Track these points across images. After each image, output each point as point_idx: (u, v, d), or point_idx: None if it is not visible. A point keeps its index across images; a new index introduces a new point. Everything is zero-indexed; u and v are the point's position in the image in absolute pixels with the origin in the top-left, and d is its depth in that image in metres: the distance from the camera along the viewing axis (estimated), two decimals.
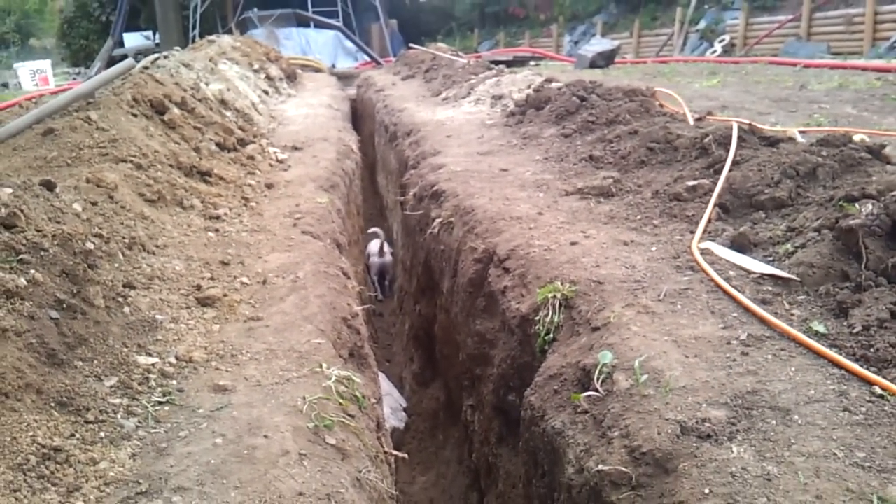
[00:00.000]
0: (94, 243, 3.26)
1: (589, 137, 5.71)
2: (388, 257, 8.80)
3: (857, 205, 2.89)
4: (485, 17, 30.37)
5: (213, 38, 11.89)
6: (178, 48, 9.86)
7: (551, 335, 3.04)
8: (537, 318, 3.14)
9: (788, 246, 3.01)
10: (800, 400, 2.09)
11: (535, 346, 3.14)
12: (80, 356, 2.68)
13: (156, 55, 8.06)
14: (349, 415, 2.66)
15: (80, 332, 2.75)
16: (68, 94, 4.78)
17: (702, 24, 20.15)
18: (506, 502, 3.36)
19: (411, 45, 18.42)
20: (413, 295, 5.94)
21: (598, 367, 2.42)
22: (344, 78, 18.55)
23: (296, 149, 6.81)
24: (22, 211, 3.02)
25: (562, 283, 3.14)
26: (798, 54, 14.23)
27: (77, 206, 3.48)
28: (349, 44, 24.95)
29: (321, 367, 2.84)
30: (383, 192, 10.69)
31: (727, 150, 4.16)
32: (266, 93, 10.87)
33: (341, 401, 2.69)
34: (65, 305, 2.77)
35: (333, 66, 21.83)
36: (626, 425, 2.15)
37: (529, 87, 8.14)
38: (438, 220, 4.65)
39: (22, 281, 2.68)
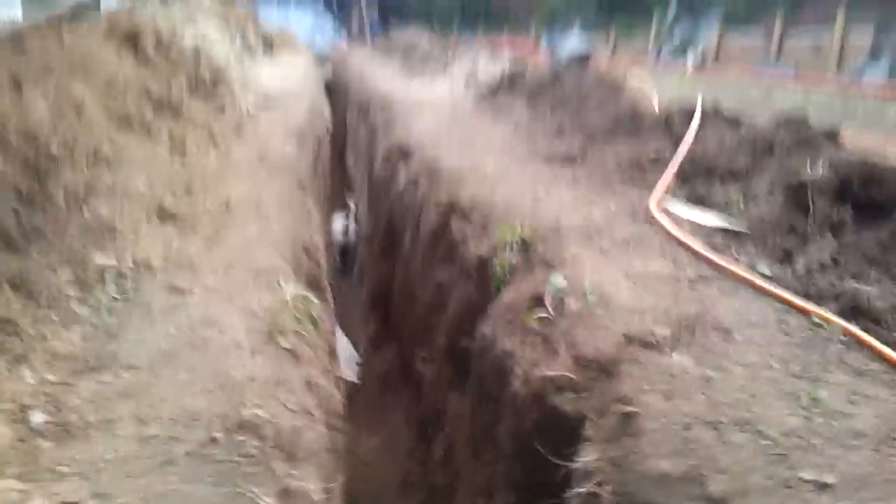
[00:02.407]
0: (57, 148, 3.24)
1: (559, 112, 5.79)
2: (351, 237, 8.80)
3: (808, 168, 3.01)
4: (465, 11, 30.43)
5: None
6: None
7: (507, 276, 3.09)
8: (495, 260, 3.20)
9: (741, 205, 3.12)
10: (741, 323, 2.18)
11: (490, 288, 3.19)
12: (37, 249, 2.66)
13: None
14: (303, 329, 2.69)
15: (39, 225, 2.74)
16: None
17: (676, 37, 20.49)
18: (451, 443, 3.41)
19: (390, 29, 18.42)
20: (373, 258, 5.96)
21: (551, 291, 2.49)
22: (320, 58, 18.45)
23: (267, 104, 6.78)
24: None
25: (521, 227, 3.20)
26: (765, 74, 14.61)
27: (43, 109, 3.43)
28: (328, 26, 24.87)
29: (279, 282, 2.86)
30: (352, 171, 10.67)
31: (689, 126, 4.27)
32: (242, 54, 10.77)
33: (297, 314, 2.71)
34: (25, 196, 2.76)
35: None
36: (573, 338, 2.22)
37: (504, 68, 8.22)
38: (405, 177, 4.69)
39: None
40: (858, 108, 8.75)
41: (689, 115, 4.38)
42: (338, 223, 8.47)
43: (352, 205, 8.59)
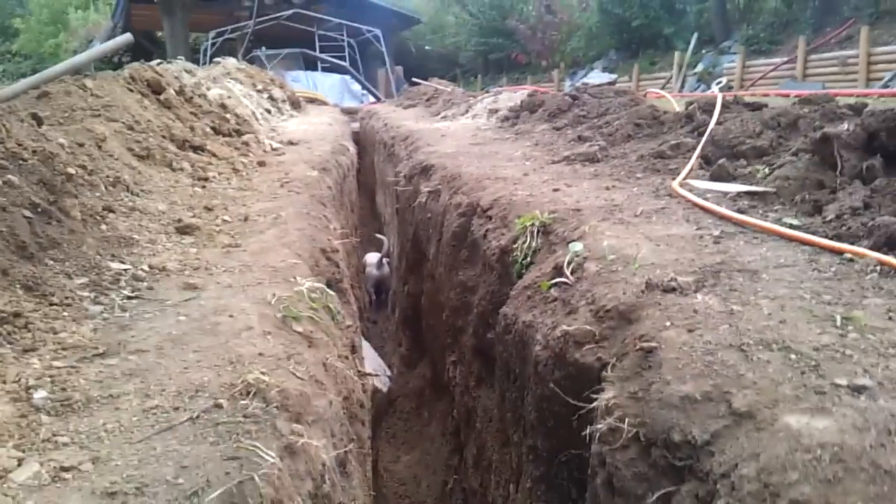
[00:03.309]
0: (75, 171, 3.28)
1: (579, 128, 5.75)
2: (385, 270, 8.74)
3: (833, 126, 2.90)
4: (488, 63, 30.95)
5: (218, 59, 12.11)
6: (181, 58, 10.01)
7: (528, 259, 3.01)
8: (515, 246, 3.12)
9: (766, 170, 3.01)
10: (769, 265, 2.07)
11: (512, 276, 3.11)
12: (52, 257, 2.66)
13: (159, 60, 8.16)
14: (319, 317, 2.63)
15: (54, 236, 2.74)
16: (64, 63, 4.85)
17: (699, 68, 20.49)
18: (483, 440, 3.28)
19: (414, 79, 18.72)
20: (402, 277, 5.92)
21: (569, 257, 2.40)
22: (348, 113, 18.79)
23: (292, 143, 6.88)
24: (4, 126, 3.05)
25: (541, 213, 3.13)
26: (792, 92, 14.43)
27: (63, 141, 3.50)
28: (356, 87, 25.38)
29: (294, 278, 2.81)
30: (381, 209, 10.73)
31: (711, 116, 4.19)
32: (268, 111, 11.00)
33: (313, 304, 2.66)
34: (40, 210, 2.77)
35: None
36: (593, 295, 2.12)
37: (524, 97, 8.24)
38: (427, 190, 4.66)
39: None
40: None
41: (709, 102, 4.30)
42: (371, 256, 8.46)
43: (385, 240, 8.58)
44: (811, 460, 1.13)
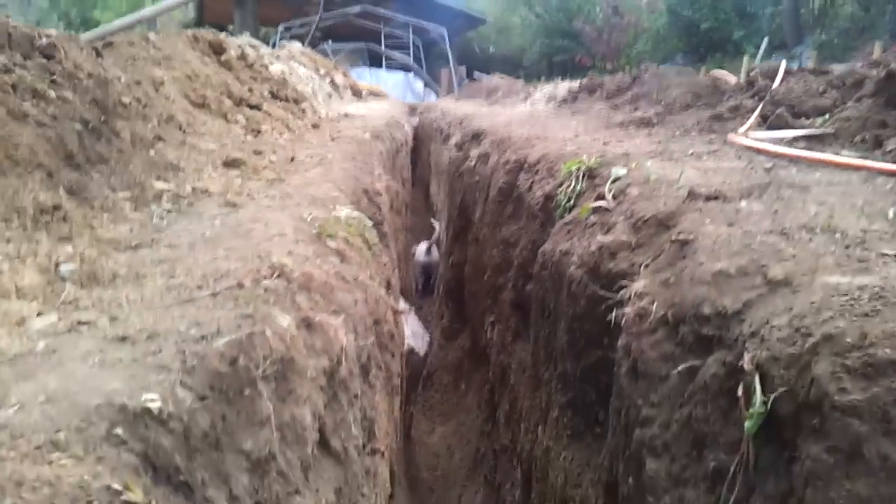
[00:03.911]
0: (130, 101, 3.34)
1: (638, 102, 5.63)
2: (434, 256, 8.73)
3: None
4: (552, 66, 30.67)
5: (283, 43, 12.30)
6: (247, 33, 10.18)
7: (572, 202, 2.93)
8: (559, 191, 3.05)
9: (826, 117, 2.88)
10: (821, 183, 1.96)
11: (554, 221, 3.04)
12: (99, 171, 2.69)
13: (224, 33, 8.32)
14: (353, 240, 2.61)
15: (102, 152, 2.78)
16: (130, 16, 4.97)
17: None
18: (516, 393, 3.21)
19: (476, 73, 18.69)
20: (448, 248, 5.88)
21: (610, 181, 2.33)
22: (409, 109, 18.89)
23: (347, 116, 6.92)
24: (63, 48, 3.12)
25: (587, 158, 3.05)
26: None
27: (120, 75, 3.57)
28: (418, 86, 25.54)
29: (334, 207, 2.80)
30: (434, 198, 10.72)
31: (773, 81, 4.04)
32: (329, 95, 11.13)
33: (349, 229, 2.64)
34: (91, 127, 2.81)
35: None
36: (632, 210, 2.04)
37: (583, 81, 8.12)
38: (476, 153, 4.61)
39: (52, 93, 2.75)
40: None
41: (772, 68, 4.15)
42: (421, 245, 8.48)
43: (436, 225, 8.57)
44: (848, 301, 1.05)
